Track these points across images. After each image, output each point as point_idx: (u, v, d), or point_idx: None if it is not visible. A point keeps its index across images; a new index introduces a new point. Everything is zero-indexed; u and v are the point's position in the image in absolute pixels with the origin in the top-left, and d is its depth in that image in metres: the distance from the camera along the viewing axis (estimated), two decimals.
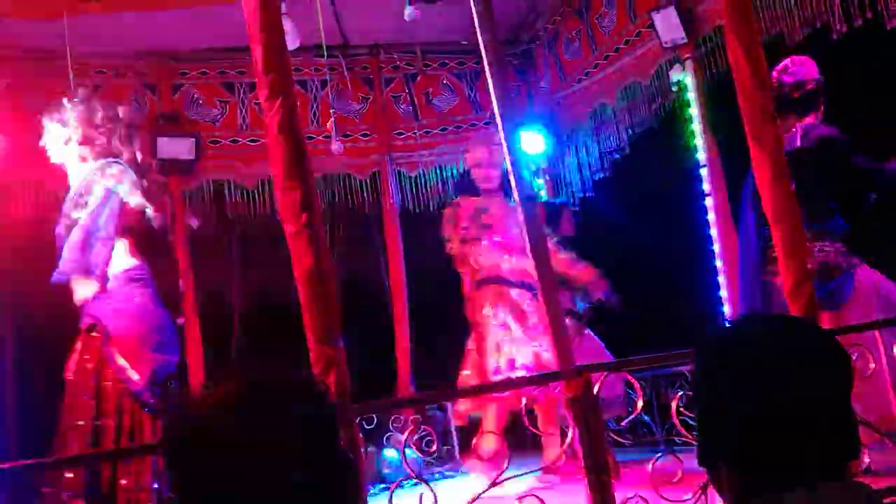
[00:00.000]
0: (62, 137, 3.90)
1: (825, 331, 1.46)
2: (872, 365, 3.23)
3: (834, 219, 4.01)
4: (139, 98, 5.79)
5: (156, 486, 3.46)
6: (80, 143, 3.86)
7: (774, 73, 3.98)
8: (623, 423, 4.77)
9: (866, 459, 3.33)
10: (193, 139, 5.67)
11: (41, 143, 3.98)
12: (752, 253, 4.05)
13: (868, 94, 4.39)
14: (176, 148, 5.56)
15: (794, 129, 4.06)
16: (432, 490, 2.72)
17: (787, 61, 4.13)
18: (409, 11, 4.48)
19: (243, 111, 5.97)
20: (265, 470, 1.14)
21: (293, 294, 2.67)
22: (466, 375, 4.65)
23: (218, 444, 1.16)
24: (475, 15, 3.28)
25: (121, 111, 3.98)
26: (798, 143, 4.01)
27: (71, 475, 3.29)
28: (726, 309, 4.75)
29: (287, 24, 4.27)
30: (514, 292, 4.65)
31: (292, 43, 4.49)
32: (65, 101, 3.93)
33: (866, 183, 4.03)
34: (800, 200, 3.52)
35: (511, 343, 4.49)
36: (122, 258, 3.79)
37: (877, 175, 3.98)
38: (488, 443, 4.22)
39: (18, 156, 5.18)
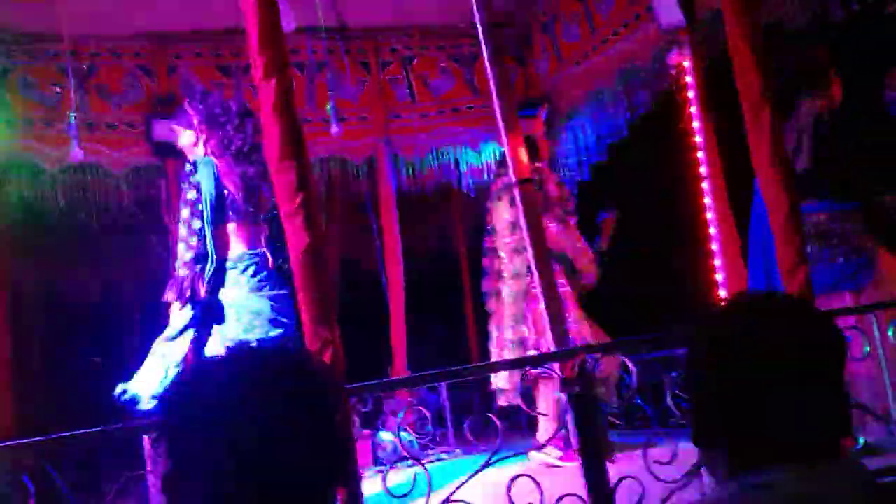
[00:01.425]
0: (192, 139, 4.17)
1: (820, 311, 1.46)
2: (867, 348, 3.24)
3: (855, 199, 4.00)
4: (134, 80, 5.76)
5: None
6: (206, 142, 4.12)
7: None
8: (616, 406, 4.79)
9: (861, 439, 3.36)
10: None
11: (180, 146, 4.28)
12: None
13: (869, 76, 4.37)
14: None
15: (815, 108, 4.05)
16: (427, 471, 2.73)
17: None
18: None
19: (239, 93, 5.94)
20: (259, 447, 1.14)
21: None
22: None
23: (212, 421, 1.16)
24: None
25: (232, 104, 4.23)
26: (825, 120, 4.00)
27: None
28: (722, 292, 4.75)
29: (283, 6, 4.26)
30: None
31: (288, 25, 4.47)
32: (185, 104, 4.22)
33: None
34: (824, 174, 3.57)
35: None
36: (233, 245, 4.01)
37: None
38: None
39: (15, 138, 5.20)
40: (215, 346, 3.84)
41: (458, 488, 2.71)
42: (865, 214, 3.98)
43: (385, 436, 5.35)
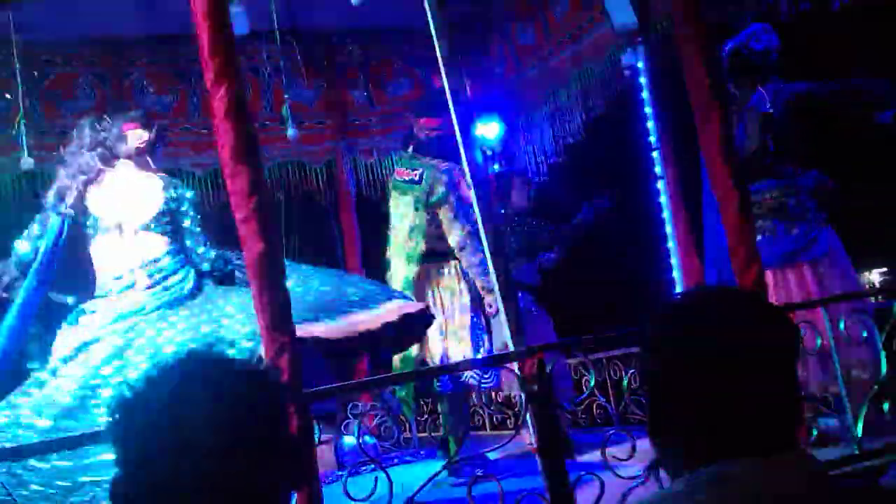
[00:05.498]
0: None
1: (772, 304, 1.48)
2: (820, 340, 3.30)
3: (805, 176, 4.10)
4: (87, 86, 5.68)
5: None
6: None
7: (742, 38, 4.13)
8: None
9: (814, 430, 3.42)
10: None
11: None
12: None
13: (815, 74, 4.46)
14: None
15: (759, 91, 4.14)
16: (388, 475, 2.73)
17: (755, 28, 4.22)
18: None
19: (194, 99, 5.89)
20: (211, 452, 1.13)
21: None
22: None
23: (163, 426, 1.15)
24: (426, 1, 3.27)
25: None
26: (768, 107, 4.08)
27: None
28: (679, 290, 4.81)
29: (236, 9, 4.23)
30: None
31: (242, 28, 4.44)
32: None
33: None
34: (773, 159, 3.65)
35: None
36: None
37: None
38: None
39: None
40: None
41: (418, 491, 2.72)
42: (814, 191, 4.09)
43: (349, 440, 5.32)
